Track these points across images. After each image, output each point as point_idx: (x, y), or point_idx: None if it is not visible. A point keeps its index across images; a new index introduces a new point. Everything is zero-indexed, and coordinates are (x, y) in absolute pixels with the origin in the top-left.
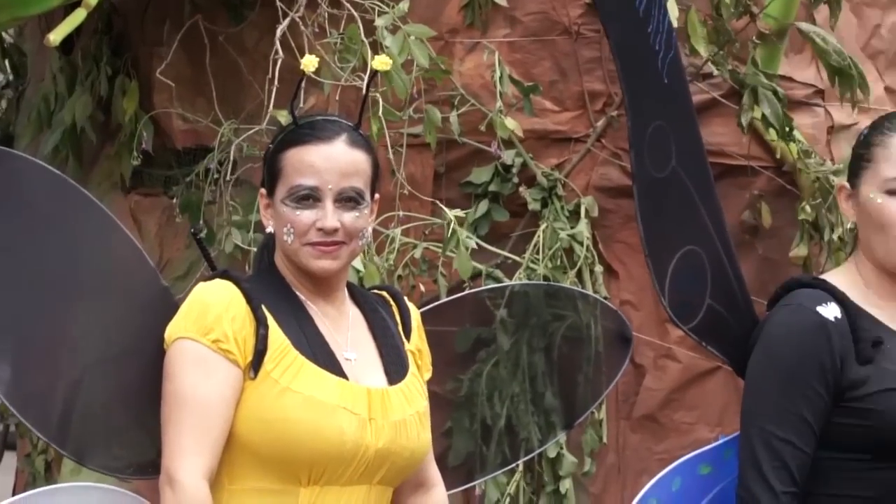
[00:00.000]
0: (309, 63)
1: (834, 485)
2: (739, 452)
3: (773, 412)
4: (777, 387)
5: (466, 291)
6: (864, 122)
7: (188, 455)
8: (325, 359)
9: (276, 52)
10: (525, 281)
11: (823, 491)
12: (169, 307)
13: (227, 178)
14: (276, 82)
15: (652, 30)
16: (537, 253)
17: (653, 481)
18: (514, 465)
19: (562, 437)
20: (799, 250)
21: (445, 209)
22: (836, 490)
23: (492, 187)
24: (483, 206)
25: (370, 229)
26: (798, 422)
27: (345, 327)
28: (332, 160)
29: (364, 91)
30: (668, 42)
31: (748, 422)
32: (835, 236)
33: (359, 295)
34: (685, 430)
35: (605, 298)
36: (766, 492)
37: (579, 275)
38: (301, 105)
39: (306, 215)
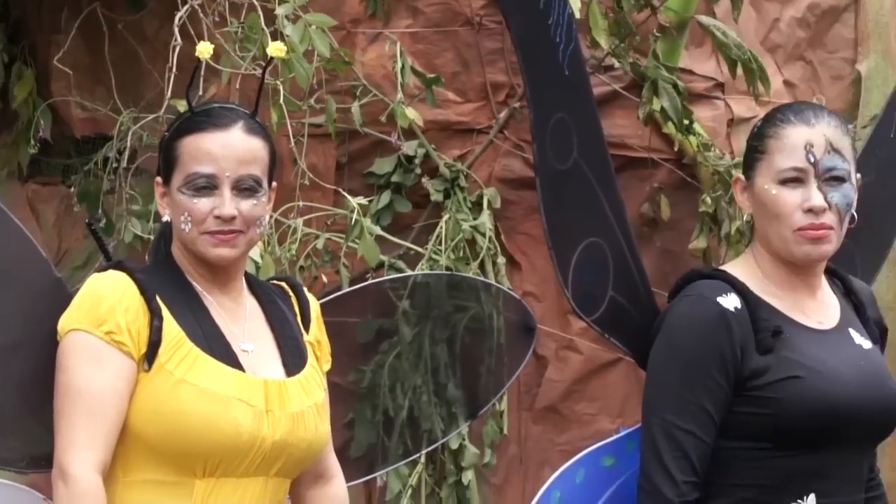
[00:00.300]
0: (204, 50)
1: (736, 474)
2: (641, 443)
3: (674, 403)
4: (678, 377)
5: (368, 281)
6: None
7: (81, 448)
8: (221, 350)
9: (176, 41)
10: (428, 271)
11: (726, 481)
12: (62, 298)
13: (127, 167)
14: (175, 71)
15: (552, 22)
16: (440, 244)
17: (557, 473)
18: (416, 456)
19: (464, 428)
20: (698, 242)
21: (349, 197)
22: (738, 479)
23: (394, 178)
24: (385, 196)
25: (267, 217)
26: (699, 412)
27: (242, 318)
28: (229, 147)
29: (261, 78)
30: (569, 34)
31: (649, 412)
32: (733, 228)
33: (257, 286)
34: (587, 421)
35: (508, 290)
36: (667, 481)
37: (482, 266)
38: (201, 94)
39: (203, 203)
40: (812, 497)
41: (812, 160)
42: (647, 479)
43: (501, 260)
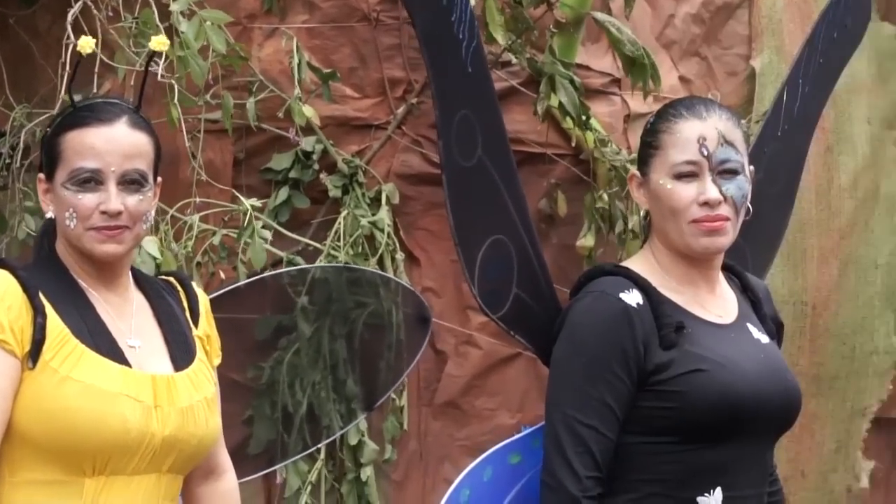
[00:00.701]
0: (85, 44)
1: (642, 468)
2: (544, 439)
3: (577, 398)
4: (581, 373)
5: (265, 274)
6: None
7: None
8: (107, 347)
9: (69, 37)
10: (326, 264)
11: (633, 475)
12: None
13: (20, 163)
14: (68, 67)
15: (455, 18)
16: (338, 240)
17: (465, 472)
18: (314, 448)
19: (362, 421)
20: (585, 240)
21: (242, 198)
22: (644, 474)
23: (292, 174)
24: (283, 192)
25: (153, 213)
26: (601, 407)
27: (128, 314)
28: (114, 142)
29: (144, 72)
30: (471, 31)
31: (553, 408)
32: (629, 225)
33: (144, 281)
34: (487, 416)
35: (404, 283)
36: (571, 476)
37: (381, 262)
38: (95, 90)
39: (89, 199)
40: (718, 490)
41: (705, 153)
42: (550, 475)
43: (400, 256)
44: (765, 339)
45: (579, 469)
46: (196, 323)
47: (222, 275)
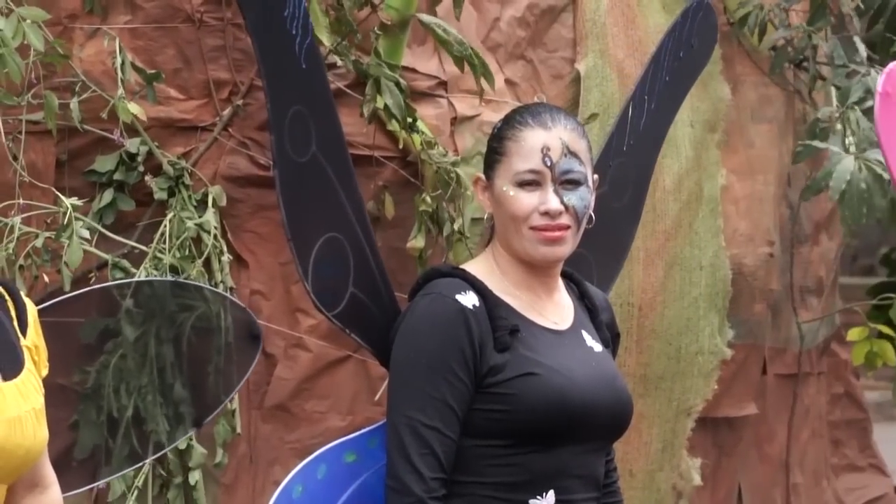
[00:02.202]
0: None
1: (477, 472)
2: (387, 442)
3: (419, 400)
4: (421, 374)
5: (93, 287)
6: (487, 113)
7: None
8: None
9: None
10: (155, 277)
11: (467, 479)
12: None
13: None
14: None
15: (288, 14)
16: (164, 242)
17: (298, 468)
18: (142, 464)
19: (192, 432)
20: (416, 242)
21: (62, 197)
22: (479, 477)
23: (117, 176)
24: (108, 194)
25: None
26: (443, 408)
27: None
28: None
29: None
30: (305, 27)
31: (395, 410)
32: (455, 227)
33: None
34: (317, 419)
35: (232, 289)
36: (415, 478)
37: (207, 264)
38: None
39: None
40: (551, 494)
41: (549, 163)
42: (394, 478)
43: (227, 258)
44: (598, 347)
45: (424, 470)
46: (24, 333)
47: (46, 278)
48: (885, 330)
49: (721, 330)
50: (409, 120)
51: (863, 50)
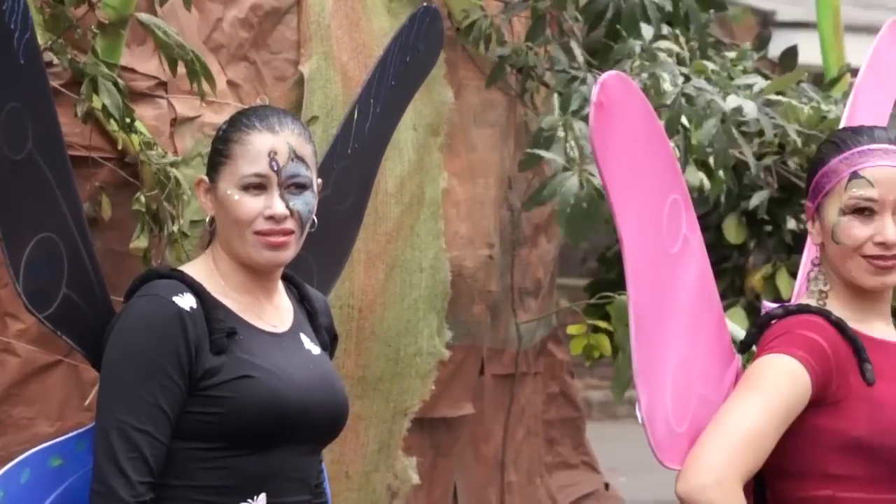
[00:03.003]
0: None
1: (189, 475)
2: (95, 446)
3: (130, 402)
4: (133, 376)
5: None
6: (209, 114)
7: None
8: None
9: None
10: None
11: (179, 482)
12: None
13: None
14: None
15: (7, 8)
16: None
17: (0, 472)
18: None
19: None
20: (139, 242)
21: None
22: (190, 480)
23: None
24: None
25: None
26: (155, 411)
27: None
28: None
29: None
30: (25, 21)
31: (104, 413)
32: (175, 228)
33: None
34: (24, 425)
35: None
36: (123, 483)
37: None
38: None
39: None
40: (263, 497)
41: (275, 168)
42: (100, 482)
43: None
44: (316, 350)
45: (132, 475)
46: None
47: None
48: (602, 324)
49: (440, 331)
50: (128, 120)
51: (580, 56)
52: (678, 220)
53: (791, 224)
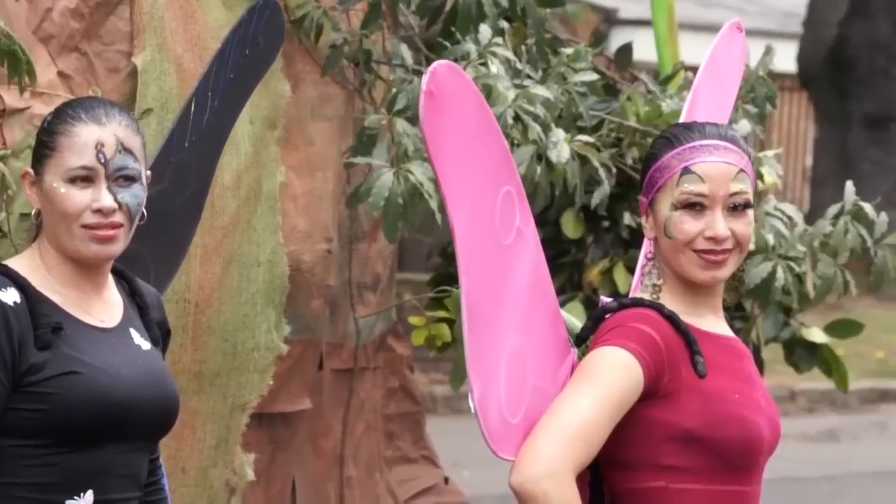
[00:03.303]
0: None
1: (13, 472)
2: None
3: None
4: None
5: None
6: (38, 106)
7: None
8: None
9: None
10: None
11: (5, 479)
12: None
13: None
14: None
15: None
16: None
17: None
18: None
19: None
20: None
21: None
22: (14, 477)
23: None
24: None
25: None
26: None
27: None
28: None
29: None
30: None
31: None
32: (2, 221)
33: None
34: None
35: None
36: None
37: None
38: None
39: None
40: (90, 494)
41: (102, 160)
42: None
43: None
44: (147, 345)
45: None
46: None
47: None
48: (442, 314)
49: (278, 326)
50: None
51: (409, 57)
52: (512, 212)
53: (628, 219)
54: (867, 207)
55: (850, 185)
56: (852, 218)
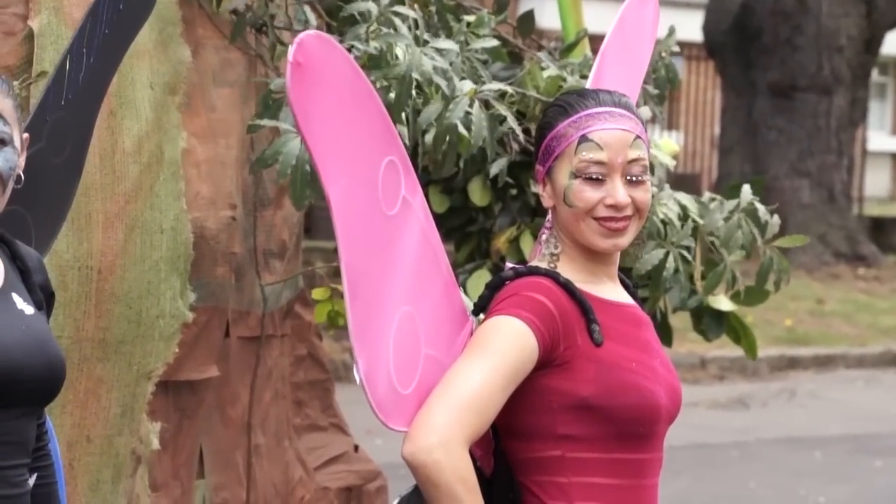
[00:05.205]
0: None
1: None
2: None
3: None
4: None
5: None
6: None
7: None
8: None
9: None
10: None
11: None
12: None
13: None
14: None
15: None
16: None
17: None
18: None
19: None
20: None
21: None
22: None
23: None
24: None
25: None
26: None
27: None
28: None
29: None
30: None
31: None
32: None
33: None
34: None
35: None
36: None
37: None
38: None
39: None
40: None
41: None
42: None
43: None
44: (30, 309)
45: None
46: None
47: None
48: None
49: (183, 293)
50: None
51: (312, 19)
52: (396, 182)
53: (534, 187)
54: (761, 209)
55: (746, 188)
56: (746, 216)
